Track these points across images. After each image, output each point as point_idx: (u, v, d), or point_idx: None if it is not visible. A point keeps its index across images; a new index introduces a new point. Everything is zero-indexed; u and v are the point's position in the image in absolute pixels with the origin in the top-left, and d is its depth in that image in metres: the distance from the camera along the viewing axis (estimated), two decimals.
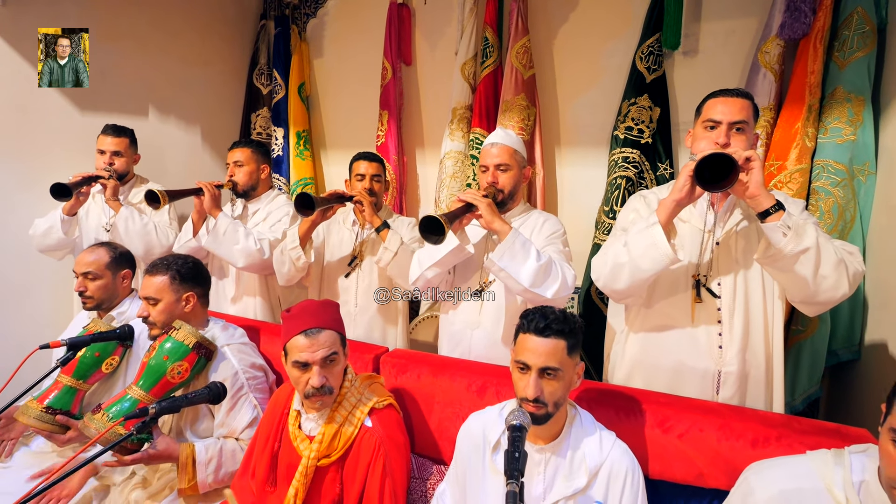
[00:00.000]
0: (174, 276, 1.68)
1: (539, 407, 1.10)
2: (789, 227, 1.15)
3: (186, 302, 1.69)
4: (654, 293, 1.43)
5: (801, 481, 0.93)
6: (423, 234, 1.47)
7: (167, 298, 1.66)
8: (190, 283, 1.71)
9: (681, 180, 1.21)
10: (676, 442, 1.25)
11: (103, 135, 2.40)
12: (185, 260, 1.74)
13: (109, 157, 2.37)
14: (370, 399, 1.38)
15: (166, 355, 1.53)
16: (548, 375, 1.10)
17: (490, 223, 1.50)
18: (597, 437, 1.16)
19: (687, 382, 1.40)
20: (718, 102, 1.33)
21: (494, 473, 1.20)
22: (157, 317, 1.65)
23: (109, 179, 2.25)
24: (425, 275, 1.63)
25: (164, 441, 1.50)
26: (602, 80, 2.51)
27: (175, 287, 1.68)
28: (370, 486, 1.29)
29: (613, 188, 2.37)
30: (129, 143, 2.45)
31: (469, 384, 1.53)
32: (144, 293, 1.67)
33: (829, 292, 1.18)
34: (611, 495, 1.10)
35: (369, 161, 2.13)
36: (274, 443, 1.41)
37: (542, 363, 1.09)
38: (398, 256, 1.93)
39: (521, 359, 1.13)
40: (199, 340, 1.57)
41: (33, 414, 1.70)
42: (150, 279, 1.68)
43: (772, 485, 0.96)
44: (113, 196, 2.26)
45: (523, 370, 1.13)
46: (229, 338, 1.71)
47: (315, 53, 3.39)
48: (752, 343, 1.36)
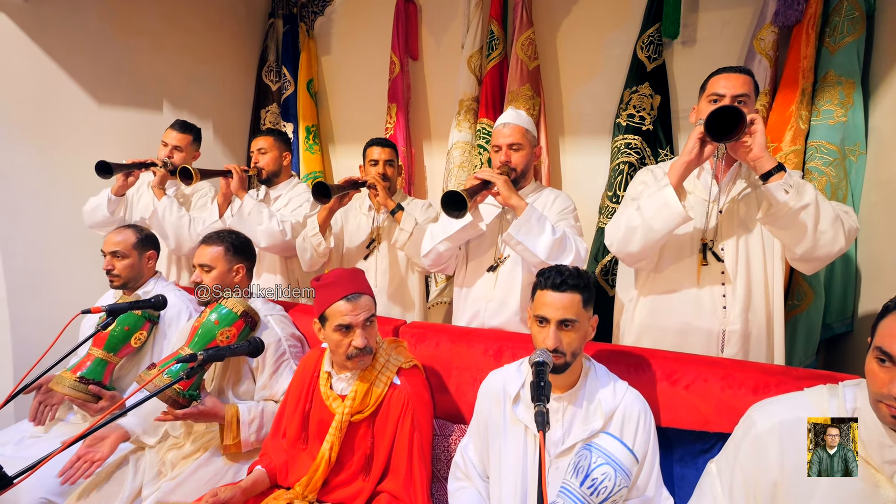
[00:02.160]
0: (228, 248, 1.81)
1: (558, 357, 1.18)
2: (791, 185, 1.25)
3: (237, 273, 1.82)
4: (663, 258, 1.53)
5: (798, 412, 1.02)
6: (445, 208, 1.56)
7: (220, 267, 1.79)
8: (241, 255, 1.84)
9: (690, 143, 1.31)
10: (683, 393, 1.34)
11: (171, 129, 2.51)
12: (238, 235, 1.88)
13: (170, 150, 2.47)
14: (398, 360, 1.47)
15: (217, 320, 1.62)
16: (565, 327, 1.19)
17: (507, 199, 1.59)
18: (611, 386, 1.25)
19: (693, 342, 1.50)
20: (722, 78, 1.43)
21: (515, 424, 1.28)
22: (210, 282, 1.78)
23: (161, 168, 2.37)
24: (437, 248, 1.71)
25: (211, 400, 1.59)
26: (603, 71, 2.61)
27: (228, 258, 1.80)
28: (399, 439, 1.38)
29: (616, 173, 2.47)
30: (192, 140, 2.55)
31: (486, 349, 1.62)
32: (199, 261, 1.80)
33: (826, 247, 1.28)
34: (625, 436, 1.18)
35: (382, 147, 2.22)
36: (305, 404, 1.49)
37: (559, 316, 1.18)
38: (413, 236, 2.02)
39: (539, 313, 1.22)
40: (245, 309, 1.66)
41: (67, 383, 1.78)
42: (205, 248, 1.81)
43: (772, 416, 1.04)
44: (160, 184, 2.37)
45: (542, 324, 1.21)
46: (271, 309, 1.82)
47: (323, 50, 3.48)
48: (755, 303, 1.45)
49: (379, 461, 1.39)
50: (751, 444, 1.05)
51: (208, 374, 1.75)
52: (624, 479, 1.04)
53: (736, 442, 1.10)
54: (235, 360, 1.74)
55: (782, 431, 1.02)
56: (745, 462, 1.06)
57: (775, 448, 1.01)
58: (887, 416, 0.89)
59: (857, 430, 0.95)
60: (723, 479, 1.10)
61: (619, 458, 1.05)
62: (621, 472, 1.04)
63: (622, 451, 1.05)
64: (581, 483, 1.05)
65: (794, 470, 0.99)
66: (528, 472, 1.24)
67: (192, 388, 1.57)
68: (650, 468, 1.20)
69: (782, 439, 1.01)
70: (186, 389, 1.56)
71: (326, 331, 1.39)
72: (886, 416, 0.89)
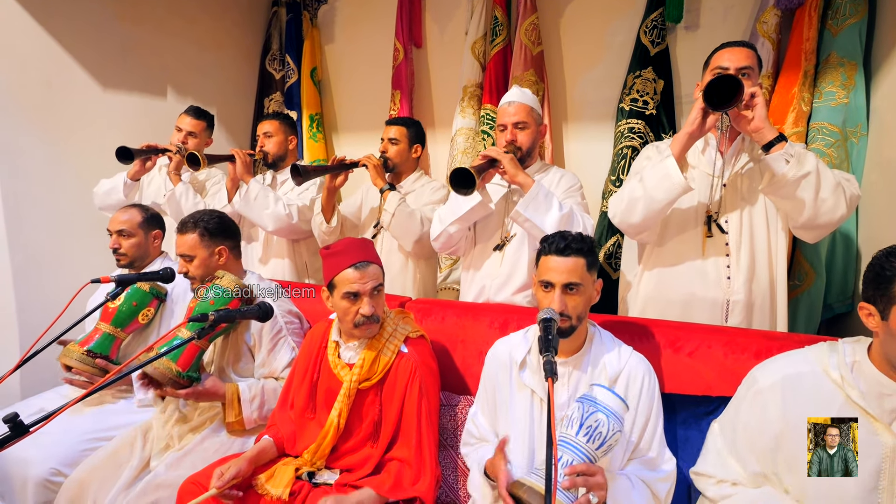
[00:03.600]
0: (203, 233, 1.76)
1: (564, 320, 1.20)
2: (791, 154, 1.27)
3: (220, 255, 1.78)
4: (667, 231, 1.55)
5: (799, 367, 1.05)
6: (454, 186, 1.58)
7: (201, 254, 1.75)
8: (220, 237, 1.79)
9: (692, 114, 1.33)
10: (686, 359, 1.36)
11: (185, 114, 2.53)
12: (211, 215, 1.82)
13: (184, 136, 2.49)
14: (405, 329, 1.48)
15: (212, 300, 1.63)
16: (570, 291, 1.21)
17: (514, 176, 1.60)
18: (615, 350, 1.28)
19: (697, 312, 1.52)
20: (726, 52, 1.45)
21: (521, 389, 1.30)
22: (195, 272, 1.76)
23: (176, 154, 2.38)
24: (448, 230, 1.73)
25: (211, 380, 1.60)
26: (607, 56, 2.63)
27: (206, 242, 1.76)
28: (408, 406, 1.39)
29: (620, 158, 2.48)
30: (206, 126, 2.57)
31: (491, 322, 1.64)
32: (179, 251, 1.77)
33: (828, 214, 1.30)
34: (629, 397, 1.20)
35: (391, 125, 2.24)
36: (313, 374, 1.50)
37: (564, 280, 1.20)
38: (395, 217, 2.02)
39: (544, 278, 1.23)
40: (240, 286, 1.67)
41: (75, 356, 1.80)
42: (181, 238, 1.77)
43: (773, 373, 1.07)
44: (176, 170, 2.39)
45: (547, 288, 1.23)
46: (266, 286, 1.80)
47: (326, 39, 3.50)
48: (758, 273, 1.47)
49: (387, 428, 1.41)
50: (753, 399, 1.07)
51: (207, 354, 1.76)
52: (616, 424, 1.06)
53: (738, 400, 1.12)
54: (234, 339, 1.75)
55: (784, 385, 1.05)
56: (748, 418, 1.08)
57: (777, 402, 1.04)
58: None
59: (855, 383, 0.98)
60: (725, 436, 1.12)
61: (610, 404, 1.07)
62: (613, 417, 1.06)
63: (611, 398, 1.07)
64: (577, 433, 1.07)
65: (796, 422, 1.02)
66: (536, 435, 1.26)
67: (191, 368, 1.58)
68: (653, 430, 1.22)
69: (784, 393, 1.04)
70: (186, 370, 1.56)
71: (334, 298, 1.41)
72: None
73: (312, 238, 2.50)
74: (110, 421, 1.81)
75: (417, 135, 2.28)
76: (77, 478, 1.57)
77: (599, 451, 1.07)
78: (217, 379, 1.63)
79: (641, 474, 1.18)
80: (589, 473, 1.04)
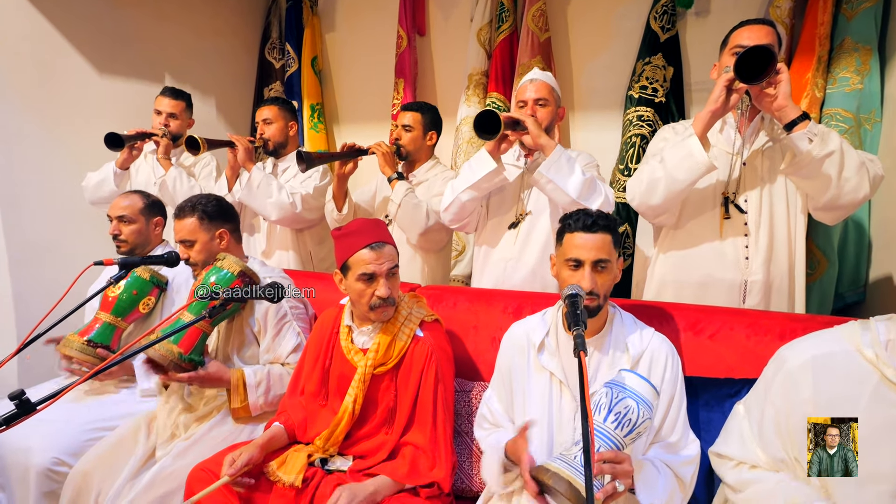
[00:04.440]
0: (202, 216, 1.72)
1: (592, 299, 1.17)
2: (815, 133, 1.24)
3: (220, 238, 1.74)
4: (684, 213, 1.52)
5: (831, 346, 1.02)
6: (477, 130, 1.55)
7: (201, 238, 1.71)
8: (219, 220, 1.75)
9: (716, 91, 1.31)
10: (707, 342, 1.34)
11: (161, 96, 2.46)
12: (209, 198, 1.77)
13: (165, 118, 2.43)
14: (420, 312, 1.45)
15: (214, 282, 1.59)
16: (600, 268, 1.18)
17: (537, 138, 1.57)
18: (637, 332, 1.25)
19: (714, 294, 1.50)
20: (745, 30, 1.43)
21: (539, 371, 1.27)
22: (197, 257, 1.71)
23: (163, 138, 2.33)
24: (460, 198, 1.69)
25: (214, 365, 1.56)
26: (615, 43, 2.60)
27: (206, 226, 1.72)
28: (424, 391, 1.36)
29: (628, 146, 2.45)
30: (185, 106, 2.51)
31: (505, 307, 1.61)
32: (179, 237, 1.73)
33: (851, 194, 1.27)
34: (653, 379, 1.17)
35: (405, 111, 2.19)
36: (325, 360, 1.47)
37: (594, 256, 1.17)
38: (401, 208, 1.99)
39: (573, 256, 1.19)
40: (242, 269, 1.62)
41: (75, 346, 1.76)
42: (180, 223, 1.72)
43: (804, 352, 1.04)
44: (165, 154, 2.34)
45: (576, 267, 1.19)
46: (269, 272, 1.77)
47: (327, 27, 3.44)
48: (777, 254, 1.45)
49: (402, 414, 1.37)
50: (783, 380, 1.05)
51: (212, 341, 1.72)
52: (647, 411, 1.03)
53: (766, 381, 1.09)
54: (238, 325, 1.70)
55: (815, 365, 1.02)
56: (777, 399, 1.05)
57: (808, 382, 1.01)
58: None
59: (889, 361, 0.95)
60: (751, 418, 1.10)
61: (640, 390, 1.04)
62: (643, 403, 1.03)
63: (641, 384, 1.04)
64: (605, 419, 1.04)
65: (828, 402, 0.99)
66: (554, 418, 1.23)
67: (193, 352, 1.54)
68: (676, 412, 1.19)
69: (815, 373, 1.01)
70: (188, 353, 1.53)
71: (348, 280, 1.37)
72: None
73: (316, 227, 2.46)
74: (113, 410, 1.77)
75: (433, 121, 2.20)
76: (81, 469, 1.54)
77: (627, 439, 1.04)
78: (221, 364, 1.59)
79: (666, 458, 1.15)
80: (617, 461, 1.00)
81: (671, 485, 1.12)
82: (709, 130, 1.36)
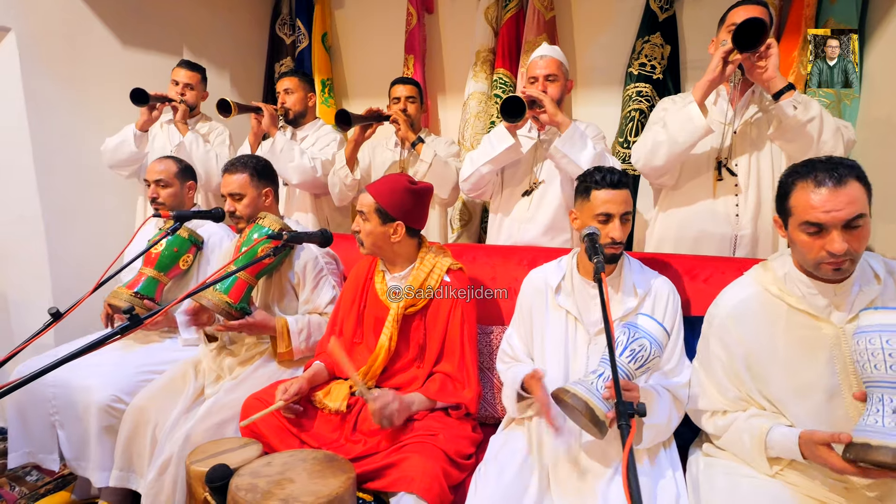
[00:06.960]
0: (252, 173, 1.87)
1: (617, 247, 1.35)
2: (799, 101, 1.43)
3: (266, 196, 1.90)
4: (682, 175, 1.71)
5: (745, 291, 1.22)
6: (504, 114, 1.72)
7: (251, 193, 1.86)
8: (266, 179, 1.91)
9: (713, 62, 1.48)
10: (702, 285, 1.53)
11: (178, 67, 2.57)
12: (259, 159, 1.93)
13: (182, 88, 2.54)
14: (446, 262, 1.62)
15: (257, 238, 1.74)
16: (624, 220, 1.35)
17: (553, 115, 1.74)
18: (643, 274, 1.44)
19: (708, 247, 1.70)
20: (742, 9, 1.59)
21: (557, 310, 1.45)
22: (243, 210, 1.86)
23: (181, 104, 2.45)
24: (480, 170, 1.87)
25: (261, 313, 1.73)
26: (615, 23, 2.74)
27: (255, 183, 1.87)
28: (451, 330, 1.54)
29: (628, 121, 2.62)
30: (201, 79, 2.62)
31: (520, 260, 1.79)
32: (228, 190, 1.86)
33: (827, 154, 1.46)
34: (656, 312, 1.37)
35: (403, 84, 2.34)
36: (360, 303, 1.64)
37: (622, 210, 1.34)
38: (432, 167, 2.16)
39: (602, 211, 1.34)
40: (282, 227, 1.77)
41: (124, 297, 1.90)
42: (230, 177, 1.86)
43: (725, 303, 1.24)
44: (182, 119, 2.45)
45: (607, 221, 1.34)
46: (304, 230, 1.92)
47: (336, 4, 3.53)
48: (764, 211, 1.65)
49: (432, 350, 1.55)
50: (715, 332, 1.24)
51: (254, 293, 1.88)
52: (658, 350, 1.21)
53: (705, 337, 1.29)
54: (278, 279, 1.87)
55: (735, 314, 1.22)
56: (717, 349, 1.24)
57: (735, 326, 1.21)
58: (829, 271, 1.07)
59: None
60: (705, 370, 1.28)
61: (654, 332, 1.21)
62: (655, 343, 1.20)
63: (656, 328, 1.22)
64: (621, 354, 1.21)
65: (754, 338, 1.19)
66: (570, 351, 1.42)
67: (242, 300, 1.70)
68: (674, 343, 1.38)
69: (737, 319, 1.21)
70: (237, 302, 1.69)
71: None
72: (828, 271, 1.07)
73: None
74: (160, 356, 1.93)
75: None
76: (138, 404, 1.69)
77: (638, 372, 1.21)
78: (266, 313, 1.76)
79: (664, 383, 1.35)
80: (627, 389, 1.17)
81: (669, 404, 1.32)
82: (707, 97, 1.54)
